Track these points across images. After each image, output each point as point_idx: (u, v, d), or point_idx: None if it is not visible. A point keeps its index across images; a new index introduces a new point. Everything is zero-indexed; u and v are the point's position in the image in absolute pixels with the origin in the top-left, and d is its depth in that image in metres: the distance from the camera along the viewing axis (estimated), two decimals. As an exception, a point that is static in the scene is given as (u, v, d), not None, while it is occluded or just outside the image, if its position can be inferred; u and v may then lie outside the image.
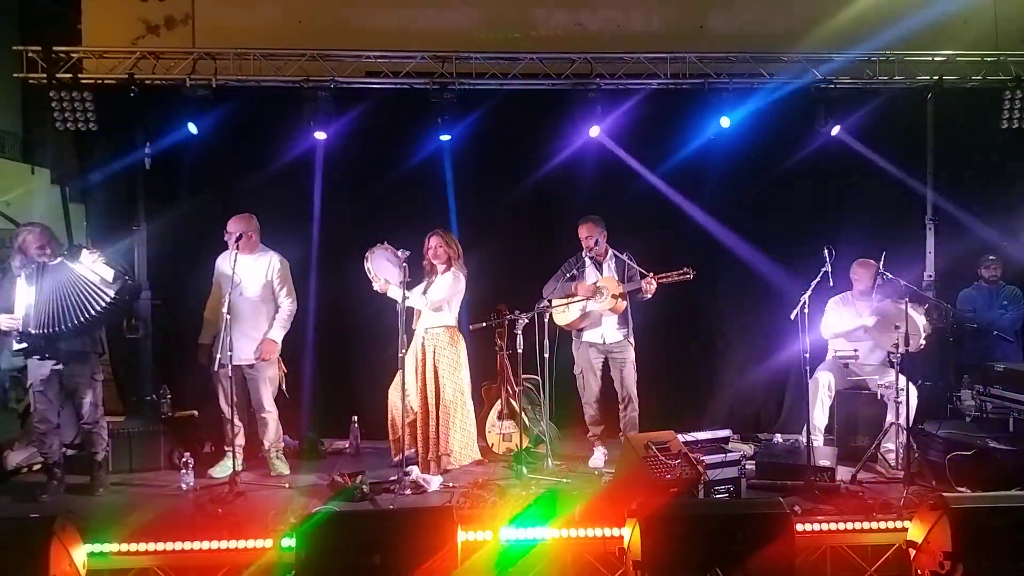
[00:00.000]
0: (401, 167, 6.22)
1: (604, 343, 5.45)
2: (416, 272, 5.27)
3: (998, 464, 4.62)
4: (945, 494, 3.84)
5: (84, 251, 4.82)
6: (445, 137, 6.12)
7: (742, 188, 6.38)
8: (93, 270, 4.70)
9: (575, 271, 5.48)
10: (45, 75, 5.97)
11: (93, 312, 4.64)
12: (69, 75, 5.99)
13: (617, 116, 6.15)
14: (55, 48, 6.05)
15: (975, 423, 5.32)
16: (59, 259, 4.70)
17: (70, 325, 4.62)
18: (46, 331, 4.61)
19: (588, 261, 5.48)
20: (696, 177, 6.33)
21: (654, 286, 5.22)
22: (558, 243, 6.03)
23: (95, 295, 4.65)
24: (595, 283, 5.40)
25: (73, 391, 4.83)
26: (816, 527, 4.05)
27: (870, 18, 6.44)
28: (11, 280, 4.73)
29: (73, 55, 6.10)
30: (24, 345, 4.66)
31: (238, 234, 5.09)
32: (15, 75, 6.18)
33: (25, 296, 4.64)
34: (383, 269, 5.22)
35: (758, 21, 6.57)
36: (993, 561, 3.48)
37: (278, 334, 5.23)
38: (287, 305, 5.29)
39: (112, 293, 4.67)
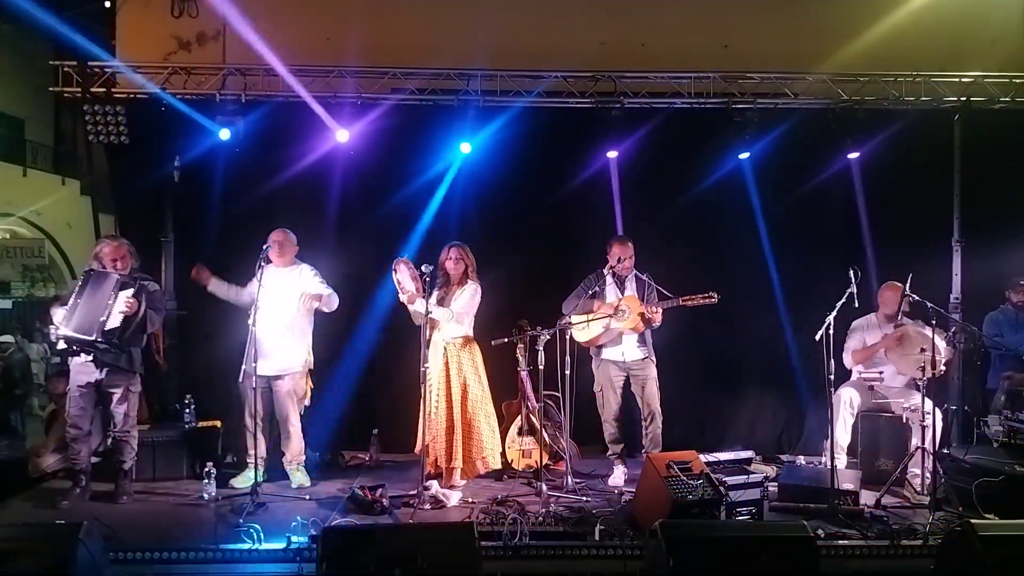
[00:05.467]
0: (425, 182, 6.28)
1: (625, 361, 5.43)
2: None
3: (1027, 491, 4.53)
4: (972, 520, 3.78)
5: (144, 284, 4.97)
6: (465, 147, 6.15)
7: (766, 207, 6.35)
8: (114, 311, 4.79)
9: (597, 288, 5.47)
10: (80, 89, 6.11)
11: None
12: (103, 89, 6.14)
13: (640, 134, 6.17)
14: (90, 63, 6.19)
15: (1003, 448, 5.22)
16: (111, 274, 4.81)
17: (102, 320, 4.72)
18: (79, 336, 4.72)
19: (609, 279, 5.46)
20: (720, 196, 6.33)
21: (659, 312, 5.24)
22: (579, 259, 6.03)
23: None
24: (619, 301, 5.39)
25: (108, 401, 4.93)
26: (840, 552, 3.99)
27: (896, 38, 6.42)
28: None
29: (107, 70, 6.24)
30: (63, 344, 4.80)
31: (275, 243, 5.21)
32: (50, 89, 6.34)
33: (71, 299, 4.81)
34: (408, 283, 5.25)
35: (783, 41, 6.55)
36: (1022, 590, 3.41)
37: (322, 289, 5.26)
38: (331, 292, 5.31)
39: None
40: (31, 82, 13.84)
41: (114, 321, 4.76)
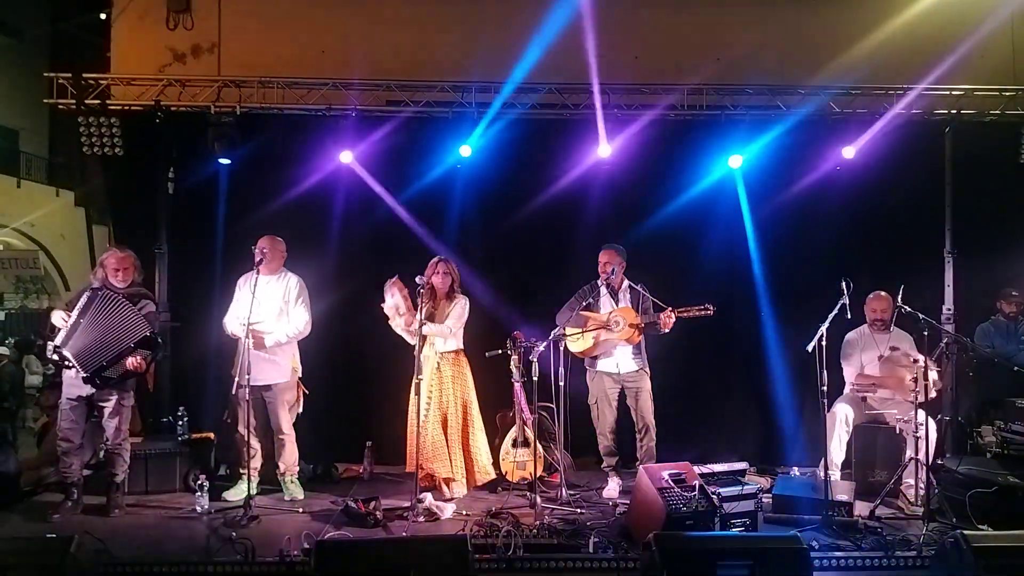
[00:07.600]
0: (420, 194, 6.29)
1: (619, 373, 5.43)
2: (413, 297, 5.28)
3: (1020, 501, 4.55)
4: (966, 531, 3.79)
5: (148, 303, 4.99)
6: (466, 151, 6.17)
7: (758, 217, 6.37)
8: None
9: (590, 299, 5.47)
10: (74, 101, 6.12)
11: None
12: (97, 101, 6.14)
13: (633, 145, 6.20)
14: (84, 75, 6.20)
15: (996, 459, 5.25)
16: (140, 323, 4.78)
17: (104, 364, 4.71)
18: (80, 362, 4.69)
19: (603, 290, 5.47)
20: (712, 207, 6.35)
21: (673, 319, 5.18)
22: (573, 270, 6.03)
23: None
24: (611, 312, 5.40)
25: (100, 414, 4.90)
26: (834, 563, 3.99)
27: (887, 51, 6.47)
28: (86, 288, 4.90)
29: (102, 82, 6.25)
30: (55, 356, 4.74)
31: (262, 252, 5.10)
32: (45, 100, 6.34)
33: (74, 315, 4.73)
34: (401, 307, 5.25)
35: (776, 53, 6.61)
36: (1015, 601, 3.41)
37: (272, 337, 5.09)
38: (299, 318, 5.23)
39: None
40: (26, 93, 13.85)
41: (114, 372, 4.75)
